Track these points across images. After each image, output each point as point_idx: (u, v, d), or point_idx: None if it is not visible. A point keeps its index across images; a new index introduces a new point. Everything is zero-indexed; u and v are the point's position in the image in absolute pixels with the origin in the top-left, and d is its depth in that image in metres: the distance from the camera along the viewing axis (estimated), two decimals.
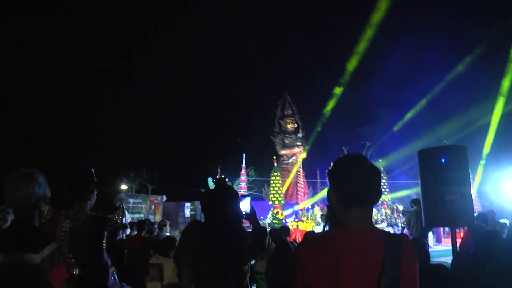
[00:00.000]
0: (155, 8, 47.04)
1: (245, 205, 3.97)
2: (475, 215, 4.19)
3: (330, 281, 1.34)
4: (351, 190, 1.42)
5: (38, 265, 1.96)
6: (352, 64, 24.12)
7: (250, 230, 2.86)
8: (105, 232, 3.26)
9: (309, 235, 5.77)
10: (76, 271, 2.97)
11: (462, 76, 21.82)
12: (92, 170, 3.36)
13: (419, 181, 3.76)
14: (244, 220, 2.83)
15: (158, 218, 17.75)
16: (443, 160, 3.53)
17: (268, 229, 4.53)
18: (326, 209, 15.84)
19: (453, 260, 3.62)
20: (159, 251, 4.90)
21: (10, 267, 1.98)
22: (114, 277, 3.28)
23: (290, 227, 11.66)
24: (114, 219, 3.35)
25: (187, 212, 20.33)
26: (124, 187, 19.57)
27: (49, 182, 2.29)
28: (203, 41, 46.06)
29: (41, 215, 2.24)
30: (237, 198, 2.73)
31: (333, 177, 1.49)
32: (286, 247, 4.68)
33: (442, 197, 3.47)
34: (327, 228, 1.65)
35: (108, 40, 39.95)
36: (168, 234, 7.28)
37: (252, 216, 2.93)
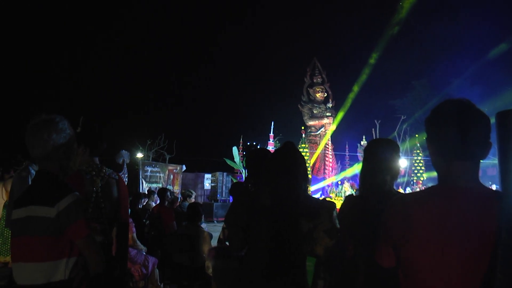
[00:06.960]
0: None
1: None
2: None
3: (430, 245, 1.25)
4: (451, 140, 1.30)
5: (55, 220, 1.88)
6: (389, 31, 23.21)
7: None
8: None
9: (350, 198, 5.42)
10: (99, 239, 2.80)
11: None
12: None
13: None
14: None
15: (176, 189, 17.62)
16: None
17: None
18: (356, 186, 15.71)
19: None
20: (187, 220, 4.70)
21: (26, 222, 1.90)
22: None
23: None
24: None
25: (207, 184, 20.10)
26: (139, 155, 19.42)
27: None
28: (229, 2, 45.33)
29: (64, 168, 2.11)
30: (305, 163, 2.52)
31: (432, 124, 1.38)
32: None
33: None
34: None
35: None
36: None
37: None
